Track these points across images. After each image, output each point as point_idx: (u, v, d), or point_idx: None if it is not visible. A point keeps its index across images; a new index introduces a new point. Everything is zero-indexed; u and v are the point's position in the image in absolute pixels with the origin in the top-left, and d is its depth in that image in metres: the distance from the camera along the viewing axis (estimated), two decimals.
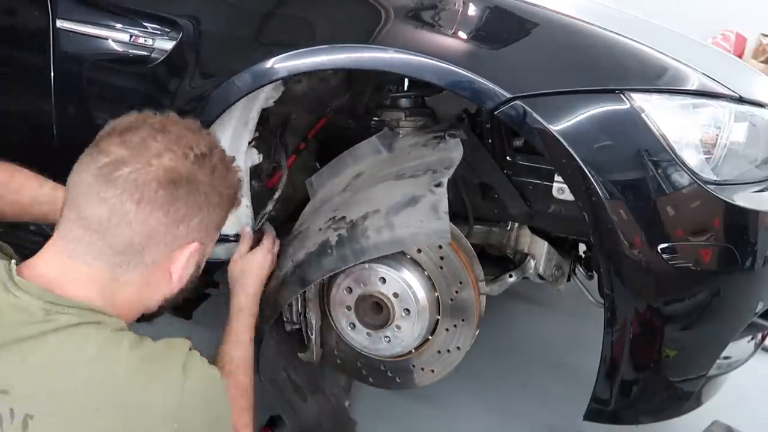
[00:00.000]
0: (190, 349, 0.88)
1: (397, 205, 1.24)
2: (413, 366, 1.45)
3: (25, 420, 0.73)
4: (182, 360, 0.84)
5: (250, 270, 1.30)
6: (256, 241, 1.38)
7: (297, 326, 1.46)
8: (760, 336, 1.48)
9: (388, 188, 1.31)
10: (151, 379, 0.80)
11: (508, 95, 1.11)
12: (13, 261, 0.85)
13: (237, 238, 1.42)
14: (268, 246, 1.36)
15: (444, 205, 1.19)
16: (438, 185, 1.23)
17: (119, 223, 0.82)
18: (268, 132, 1.54)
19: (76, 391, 0.76)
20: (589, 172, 1.10)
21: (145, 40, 1.32)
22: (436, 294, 1.37)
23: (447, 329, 1.39)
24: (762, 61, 4.75)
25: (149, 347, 0.84)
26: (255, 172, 1.54)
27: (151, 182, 0.82)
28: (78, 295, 0.82)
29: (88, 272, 0.84)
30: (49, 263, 0.85)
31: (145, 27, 1.33)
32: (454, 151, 1.33)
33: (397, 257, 1.38)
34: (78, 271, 0.84)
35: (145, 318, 0.97)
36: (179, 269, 0.90)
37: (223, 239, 1.44)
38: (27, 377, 0.75)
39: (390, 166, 1.39)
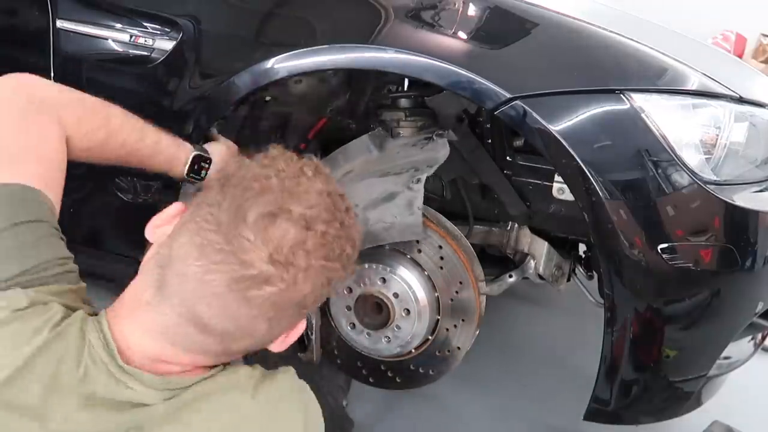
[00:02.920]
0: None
1: (374, 201, 1.25)
2: (413, 366, 1.45)
3: None
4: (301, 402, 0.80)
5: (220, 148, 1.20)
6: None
7: None
8: (760, 336, 1.48)
9: (369, 185, 1.32)
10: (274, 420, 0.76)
11: (508, 95, 1.11)
12: (111, 341, 0.72)
13: None
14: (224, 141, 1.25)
15: (419, 202, 1.21)
16: (416, 182, 1.24)
17: (243, 336, 0.73)
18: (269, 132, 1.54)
19: None
20: (589, 172, 1.10)
21: (145, 40, 1.32)
22: (436, 294, 1.38)
23: (447, 329, 1.39)
24: (762, 61, 4.75)
25: (266, 389, 0.77)
26: None
27: (291, 305, 0.73)
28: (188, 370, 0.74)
29: (192, 359, 0.75)
30: (146, 343, 0.72)
31: (145, 27, 1.33)
32: (440, 150, 1.34)
33: (397, 257, 1.38)
34: (181, 357, 0.74)
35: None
36: (284, 346, 0.82)
37: None
38: None
39: (378, 165, 1.39)
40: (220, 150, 1.21)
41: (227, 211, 0.69)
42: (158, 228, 0.77)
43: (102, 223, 1.56)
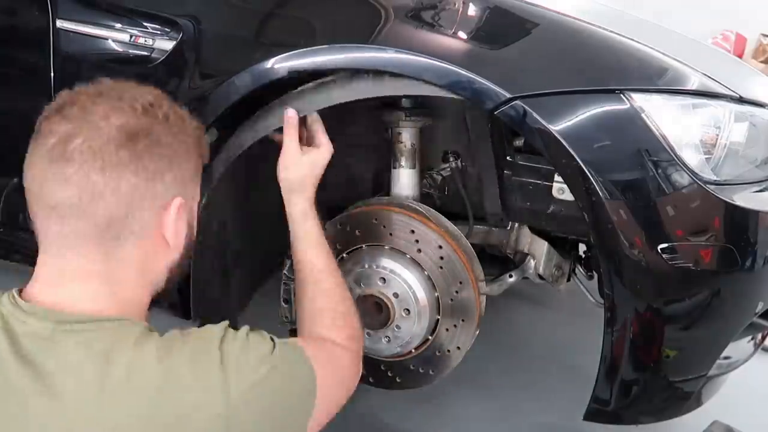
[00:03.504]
0: (227, 329, 0.80)
1: None
2: (413, 366, 1.45)
3: None
4: (218, 353, 0.76)
5: (303, 171, 1.16)
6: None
7: (296, 326, 1.46)
8: (760, 336, 1.48)
9: None
10: (187, 388, 0.72)
11: (508, 95, 1.11)
12: (14, 289, 0.79)
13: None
14: (319, 138, 1.20)
15: None
16: None
17: (91, 198, 0.76)
18: None
19: (113, 410, 0.70)
20: (589, 172, 1.10)
21: (145, 40, 1.32)
22: (436, 294, 1.38)
23: (447, 329, 1.39)
24: (762, 61, 4.75)
25: (178, 350, 0.75)
26: None
27: (107, 145, 0.76)
28: (86, 307, 0.77)
29: (84, 264, 0.78)
30: (46, 274, 0.79)
31: (145, 27, 1.33)
32: None
33: (397, 257, 1.38)
34: (75, 268, 0.78)
35: (161, 296, 0.90)
36: (171, 231, 0.83)
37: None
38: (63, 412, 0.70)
39: None
40: (312, 160, 1.17)
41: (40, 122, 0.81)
42: None
43: None
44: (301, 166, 1.17)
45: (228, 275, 1.53)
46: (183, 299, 1.41)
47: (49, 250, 0.79)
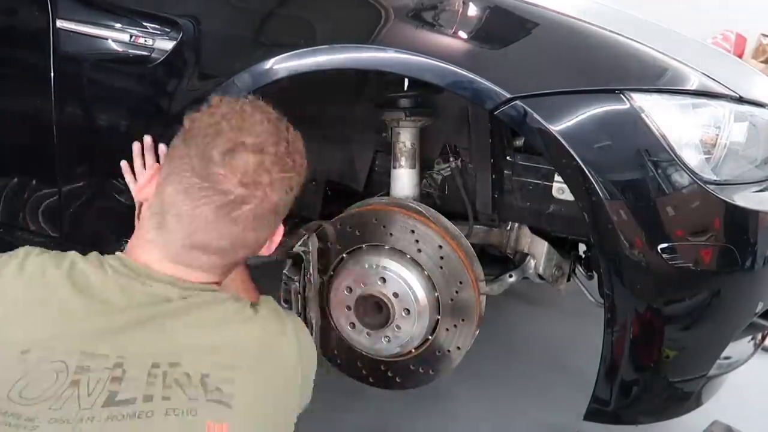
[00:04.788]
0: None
1: None
2: (413, 366, 1.45)
3: (203, 379, 0.80)
4: (284, 316, 0.97)
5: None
6: None
7: None
8: (760, 336, 1.48)
9: None
10: (279, 335, 0.93)
11: (508, 95, 1.11)
12: (122, 255, 0.91)
13: None
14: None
15: None
16: None
17: (238, 247, 0.93)
18: None
19: (232, 348, 0.86)
20: (589, 172, 1.10)
21: (145, 40, 1.32)
22: (436, 294, 1.38)
23: (447, 329, 1.39)
24: (762, 61, 4.75)
25: (264, 309, 0.95)
26: None
27: (267, 214, 0.92)
28: (200, 279, 0.92)
29: (203, 276, 0.93)
30: (169, 258, 0.90)
31: (145, 27, 1.33)
32: None
33: (397, 257, 1.38)
34: (193, 275, 0.92)
35: None
36: (273, 244, 1.01)
37: None
38: (176, 345, 0.83)
39: None
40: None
41: (195, 157, 0.88)
42: (142, 189, 0.98)
43: (102, 224, 1.56)
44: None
45: None
46: None
47: (170, 258, 0.90)
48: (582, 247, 1.67)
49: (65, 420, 0.73)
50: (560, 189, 1.33)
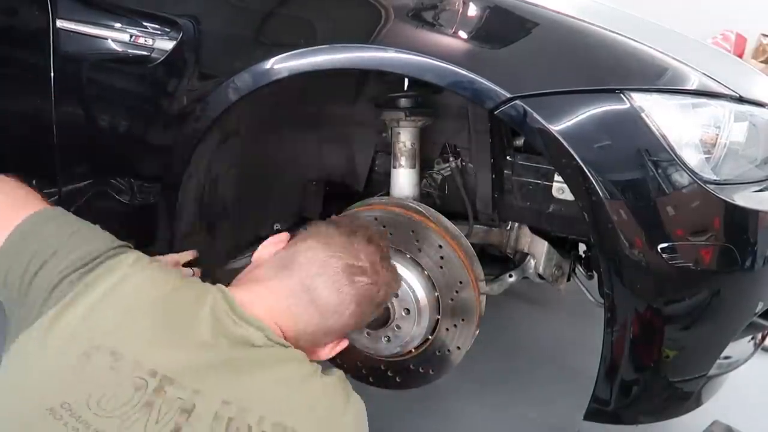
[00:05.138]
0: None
1: None
2: (413, 366, 1.45)
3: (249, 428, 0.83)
4: (350, 394, 1.01)
5: None
6: None
7: None
8: (760, 336, 1.48)
9: None
10: (340, 416, 0.95)
11: (508, 95, 1.11)
12: (228, 292, 0.97)
13: None
14: None
15: None
16: None
17: (339, 312, 1.02)
18: None
19: (297, 412, 0.89)
20: (589, 172, 1.10)
21: (145, 40, 1.32)
22: (436, 294, 1.38)
23: (447, 329, 1.39)
24: (762, 61, 4.75)
25: (333, 379, 1.00)
26: None
27: (372, 298, 1.05)
28: (286, 338, 0.98)
29: (295, 328, 1.00)
30: (266, 308, 0.97)
31: (145, 27, 1.33)
32: None
33: (397, 257, 1.38)
34: (289, 323, 0.99)
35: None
36: (332, 351, 1.10)
37: None
38: (249, 392, 0.87)
39: None
40: None
41: (342, 235, 1.06)
42: (266, 247, 1.10)
43: (102, 225, 1.56)
44: None
45: (214, 228, 1.51)
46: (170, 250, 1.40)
47: (280, 300, 0.99)
48: (582, 247, 1.67)
49: None
50: (560, 189, 1.33)
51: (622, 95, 1.10)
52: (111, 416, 0.75)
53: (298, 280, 1.00)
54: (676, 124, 1.11)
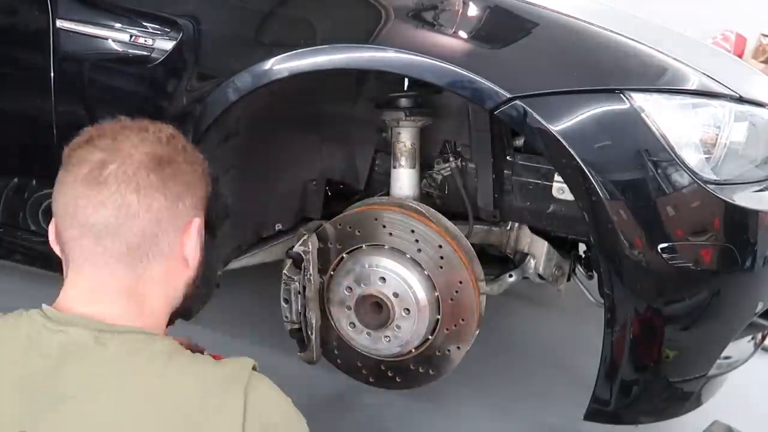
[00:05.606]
0: (253, 369, 0.85)
1: None
2: (413, 366, 1.45)
3: None
4: (244, 386, 0.80)
5: None
6: None
7: (297, 326, 1.46)
8: (760, 336, 1.48)
9: None
10: (215, 409, 0.77)
11: (508, 95, 1.11)
12: (44, 305, 0.84)
13: None
14: None
15: None
16: None
17: (126, 217, 0.83)
18: None
19: (141, 409, 0.76)
20: (589, 172, 1.10)
21: (145, 40, 1.32)
22: (436, 294, 1.38)
23: (447, 329, 1.39)
24: (762, 61, 4.74)
25: (212, 371, 0.82)
26: None
27: (140, 170, 0.84)
28: (118, 322, 0.82)
29: (115, 283, 0.84)
30: (77, 291, 0.84)
31: (145, 27, 1.33)
32: None
33: (397, 257, 1.38)
34: (106, 285, 0.84)
35: (179, 316, 0.97)
36: (191, 249, 0.91)
37: None
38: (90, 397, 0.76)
39: None
40: None
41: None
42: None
43: None
44: None
45: (214, 228, 1.50)
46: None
47: (81, 269, 0.85)
48: (582, 247, 1.67)
49: None
50: (560, 189, 1.33)
51: (622, 95, 1.10)
52: None
53: (71, 229, 0.84)
54: (676, 124, 1.11)
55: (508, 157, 1.45)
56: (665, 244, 1.11)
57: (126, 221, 0.83)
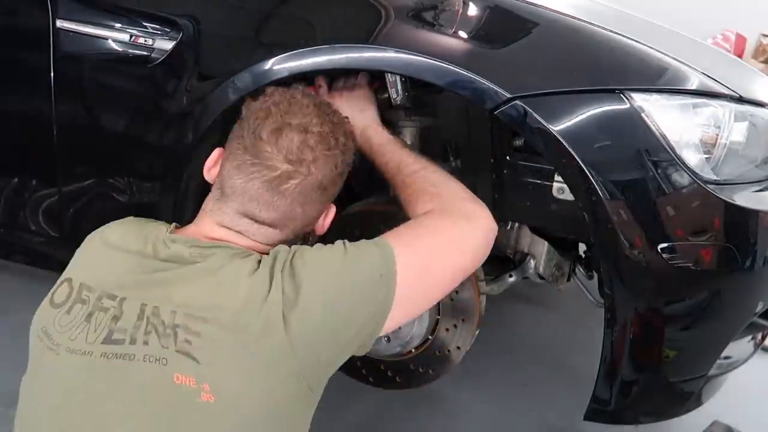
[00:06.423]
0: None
1: None
2: (413, 366, 1.45)
3: (175, 329, 0.85)
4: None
5: (372, 107, 1.30)
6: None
7: None
8: (760, 336, 1.48)
9: None
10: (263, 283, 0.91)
11: (508, 95, 1.11)
12: (174, 224, 1.02)
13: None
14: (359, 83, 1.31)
15: None
16: None
17: (287, 220, 1.00)
18: None
19: (209, 302, 0.87)
20: (589, 172, 1.10)
21: (145, 40, 1.32)
22: None
23: (447, 329, 1.39)
24: (762, 61, 4.75)
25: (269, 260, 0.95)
26: None
27: (313, 190, 1.00)
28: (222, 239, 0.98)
29: (251, 241, 0.99)
30: (213, 232, 0.99)
31: (145, 27, 1.33)
32: None
33: None
34: (243, 238, 0.99)
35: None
36: (326, 225, 1.10)
37: None
38: (172, 293, 0.89)
39: None
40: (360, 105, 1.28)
41: (247, 137, 0.98)
42: (210, 170, 1.07)
43: (102, 224, 1.56)
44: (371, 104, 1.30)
45: None
46: None
47: (224, 227, 0.99)
48: (582, 247, 1.67)
49: (75, 351, 0.86)
50: (560, 189, 1.33)
51: (622, 95, 1.10)
52: (65, 330, 0.88)
53: (233, 209, 0.99)
54: (676, 124, 1.11)
55: (508, 157, 1.45)
56: (665, 244, 1.11)
57: (286, 222, 1.02)
